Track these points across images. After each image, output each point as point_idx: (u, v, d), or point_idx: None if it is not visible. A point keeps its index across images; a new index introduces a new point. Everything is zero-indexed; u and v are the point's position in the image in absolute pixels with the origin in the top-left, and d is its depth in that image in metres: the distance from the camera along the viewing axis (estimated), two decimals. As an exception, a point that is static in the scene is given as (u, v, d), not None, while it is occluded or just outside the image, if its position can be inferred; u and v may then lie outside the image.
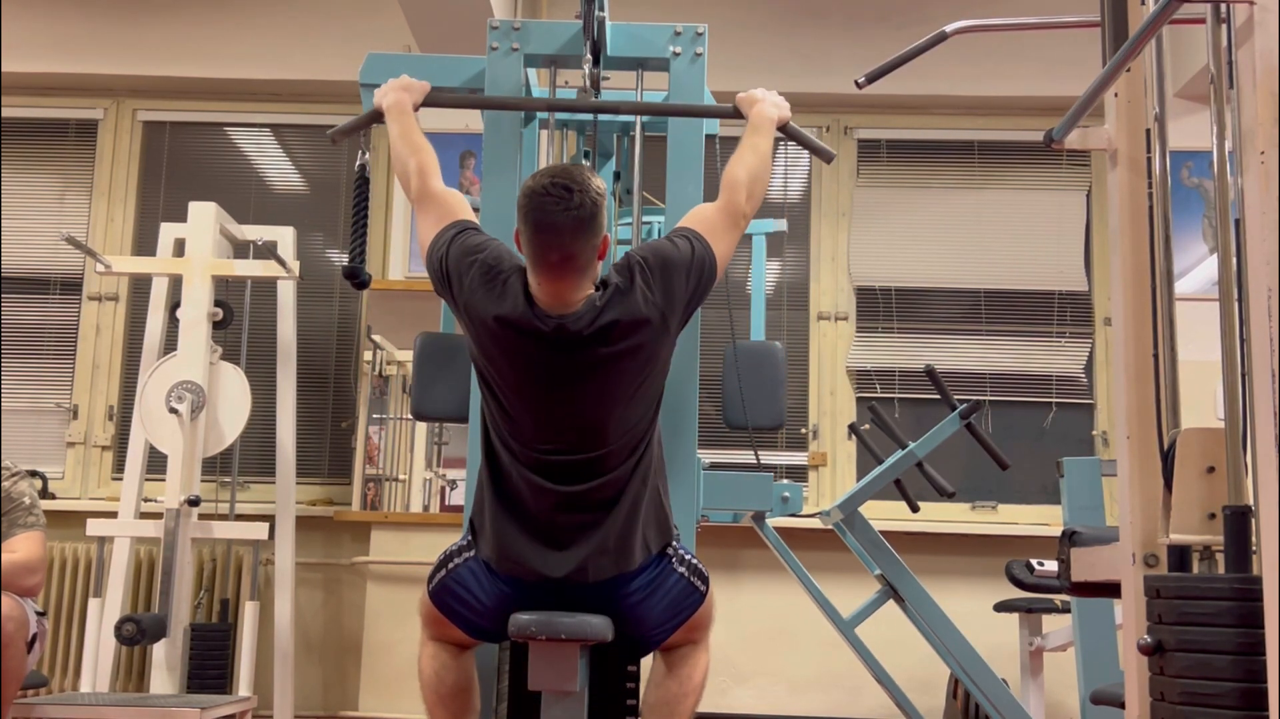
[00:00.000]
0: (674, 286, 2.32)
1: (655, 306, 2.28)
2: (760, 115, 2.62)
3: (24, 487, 3.21)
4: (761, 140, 2.58)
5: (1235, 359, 1.70)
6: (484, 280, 2.29)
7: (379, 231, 5.10)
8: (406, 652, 4.24)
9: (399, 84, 2.64)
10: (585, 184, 2.24)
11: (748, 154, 2.55)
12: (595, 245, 2.27)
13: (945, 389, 3.37)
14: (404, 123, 2.58)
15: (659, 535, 2.34)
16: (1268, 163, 1.52)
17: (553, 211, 2.20)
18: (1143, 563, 1.79)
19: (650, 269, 2.31)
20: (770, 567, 4.40)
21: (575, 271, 2.25)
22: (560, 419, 2.27)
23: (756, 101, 2.66)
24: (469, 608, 2.32)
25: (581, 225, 2.22)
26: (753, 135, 2.59)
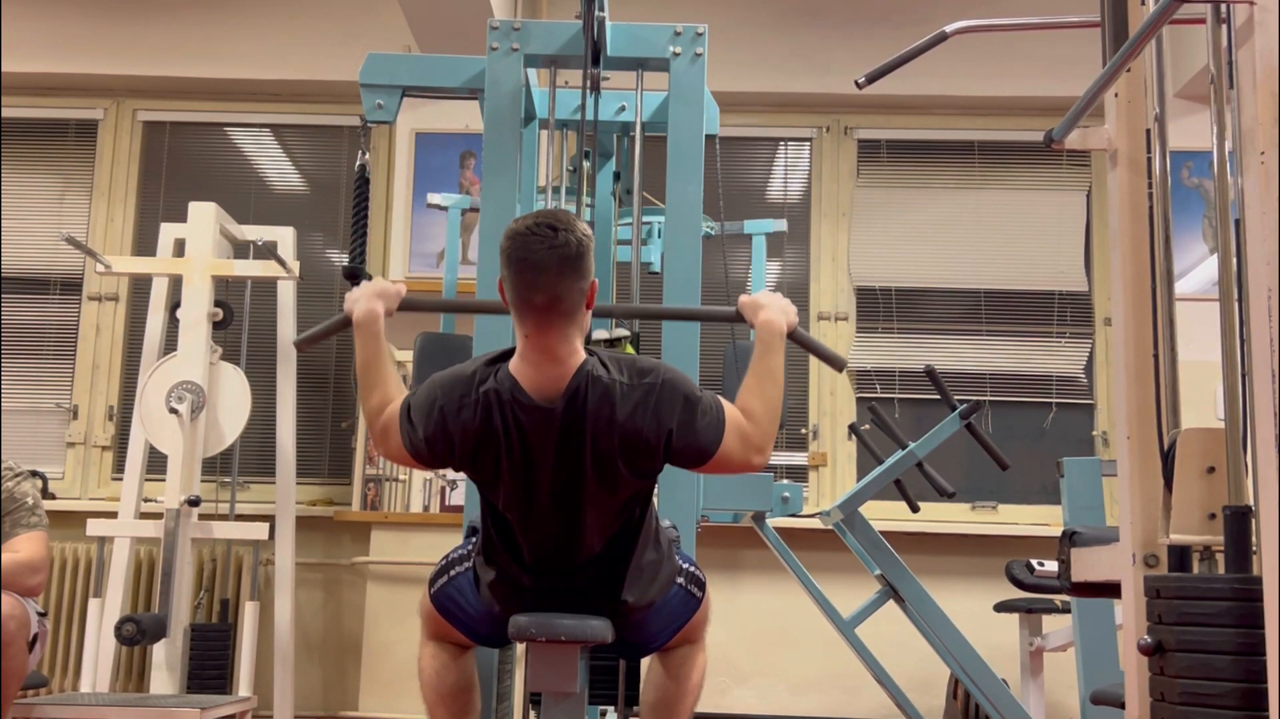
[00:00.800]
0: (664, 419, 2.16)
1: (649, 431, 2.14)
2: (768, 329, 2.35)
3: (27, 487, 3.21)
4: (775, 361, 2.33)
5: (1235, 359, 1.70)
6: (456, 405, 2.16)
7: (379, 232, 5.10)
8: (406, 652, 4.23)
9: (373, 291, 2.42)
10: (571, 224, 2.14)
11: (766, 383, 2.29)
12: (582, 289, 2.15)
13: (945, 389, 3.37)
14: (370, 347, 2.37)
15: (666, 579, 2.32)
16: (1268, 163, 1.52)
17: (537, 250, 2.10)
18: (1143, 563, 1.79)
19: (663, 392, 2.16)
20: (770, 567, 4.40)
21: (561, 316, 2.13)
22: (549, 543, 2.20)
23: (761, 308, 2.39)
24: (469, 616, 2.33)
25: (567, 264, 2.11)
26: (765, 357, 2.33)
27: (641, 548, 2.25)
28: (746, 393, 2.28)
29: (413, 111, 4.93)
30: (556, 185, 3.27)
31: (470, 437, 2.15)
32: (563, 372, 2.15)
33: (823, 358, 2.54)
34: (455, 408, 2.16)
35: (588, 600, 2.24)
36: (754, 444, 2.23)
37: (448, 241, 4.09)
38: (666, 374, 2.19)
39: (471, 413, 2.15)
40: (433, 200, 4.18)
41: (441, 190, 4.54)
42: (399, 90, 3.00)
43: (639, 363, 2.21)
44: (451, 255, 4.04)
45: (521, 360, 2.17)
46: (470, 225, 4.69)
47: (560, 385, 2.14)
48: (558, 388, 2.14)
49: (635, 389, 2.15)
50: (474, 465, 2.20)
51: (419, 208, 5.00)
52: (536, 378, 2.15)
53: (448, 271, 3.98)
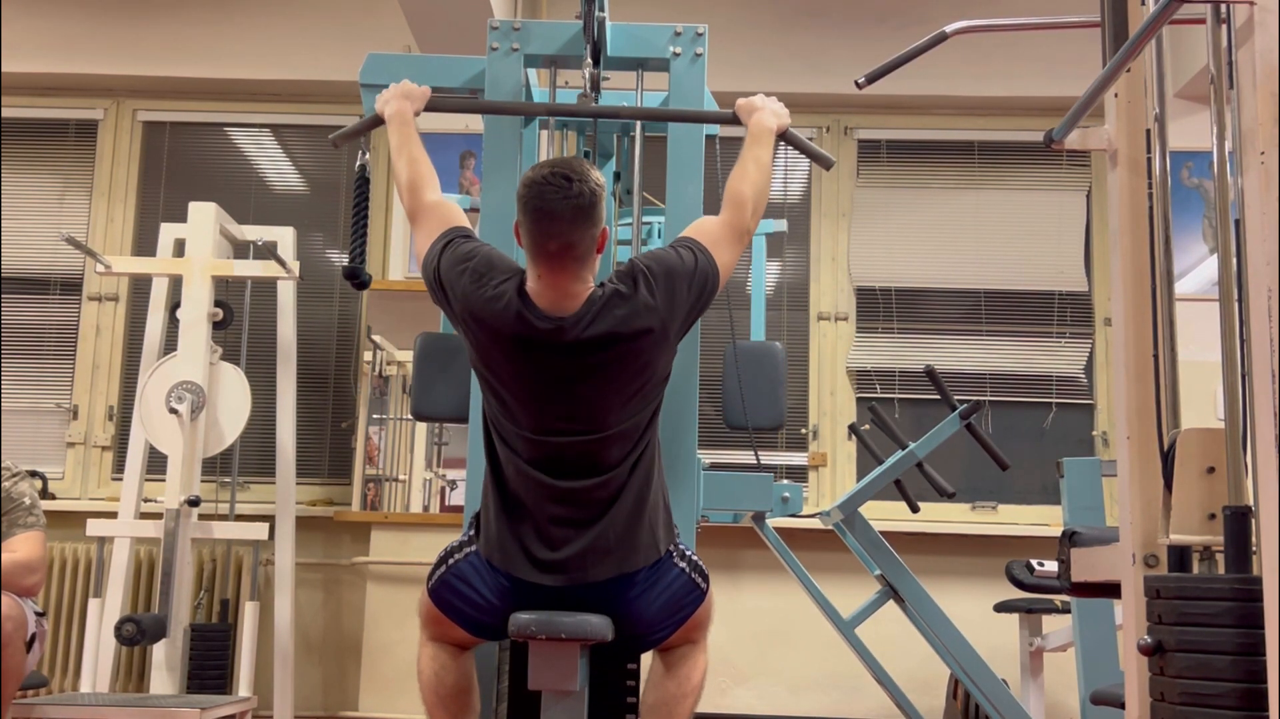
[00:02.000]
0: (676, 296, 2.32)
1: (656, 315, 2.28)
2: (759, 125, 2.61)
3: (24, 487, 3.22)
4: (763, 152, 2.57)
5: (1235, 359, 1.71)
6: (476, 284, 2.30)
7: (379, 232, 5.10)
8: (406, 652, 4.24)
9: (400, 91, 2.64)
10: (585, 174, 2.25)
11: (750, 167, 2.54)
12: (594, 236, 2.27)
13: (945, 389, 3.37)
14: (403, 133, 2.58)
15: (665, 535, 2.34)
16: (1268, 163, 1.52)
17: (552, 199, 2.22)
18: (1143, 563, 1.79)
19: (654, 276, 2.31)
20: (770, 567, 4.40)
21: (574, 261, 2.25)
22: (556, 415, 2.28)
23: (755, 109, 2.64)
24: (470, 603, 2.32)
25: (580, 213, 2.23)
26: (753, 147, 2.57)
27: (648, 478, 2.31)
28: (735, 178, 2.51)
29: (413, 111, 4.92)
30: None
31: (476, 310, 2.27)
32: (574, 302, 2.27)
33: (813, 156, 2.73)
34: (478, 278, 2.29)
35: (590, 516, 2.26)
36: (743, 226, 2.48)
37: (448, 242, 4.08)
38: (646, 263, 2.33)
39: (489, 293, 2.26)
40: (433, 200, 4.16)
41: (442, 190, 4.53)
42: (399, 90, 2.99)
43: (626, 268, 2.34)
44: (451, 255, 4.03)
45: (536, 285, 2.28)
46: (470, 225, 4.68)
47: (572, 307, 2.26)
48: (570, 308, 2.26)
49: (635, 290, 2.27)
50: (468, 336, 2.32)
51: (419, 208, 4.99)
52: (549, 299, 2.26)
53: (448, 272, 3.97)
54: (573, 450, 2.27)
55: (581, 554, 2.25)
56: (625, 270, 2.33)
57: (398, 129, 2.59)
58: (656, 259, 2.35)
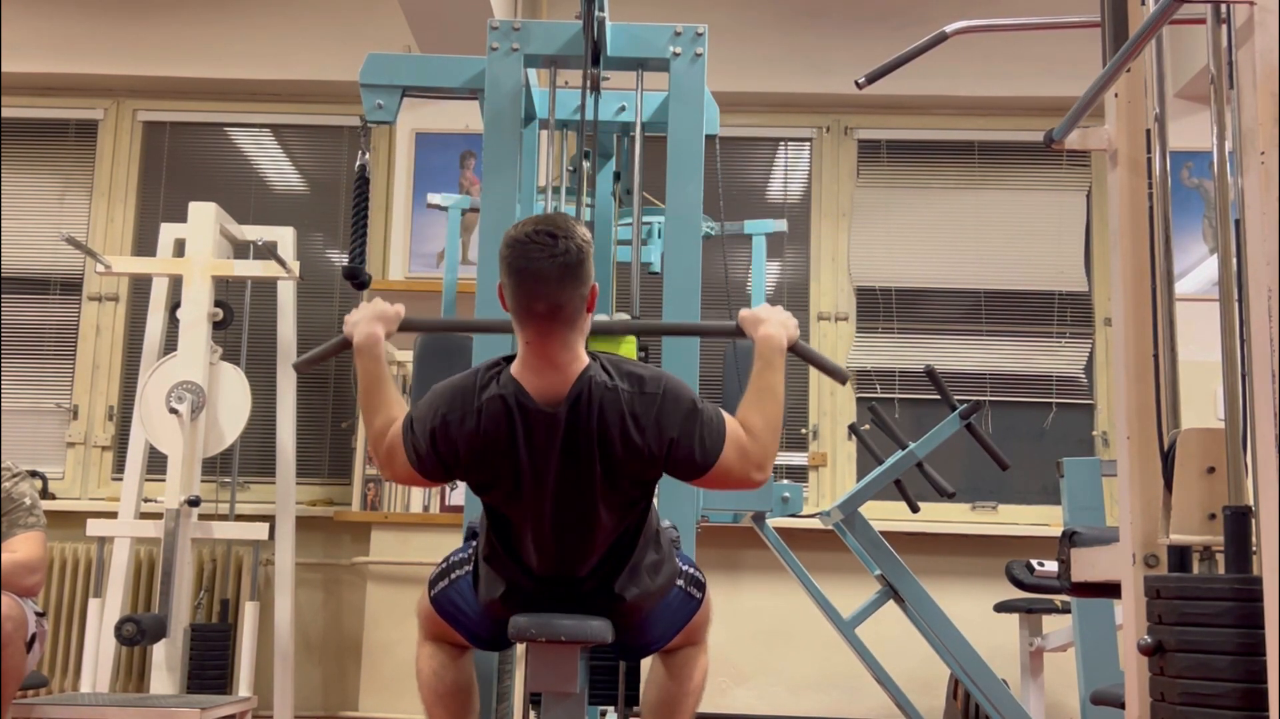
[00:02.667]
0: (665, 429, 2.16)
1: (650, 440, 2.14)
2: (768, 344, 2.34)
3: (25, 487, 3.21)
4: (775, 378, 2.31)
5: (1235, 359, 1.71)
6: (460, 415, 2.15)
7: (379, 232, 5.10)
8: (406, 652, 4.23)
9: (372, 313, 2.40)
10: (570, 230, 2.13)
11: (766, 399, 2.27)
12: (583, 295, 2.15)
13: (945, 389, 3.37)
14: (372, 369, 2.33)
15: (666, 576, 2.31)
16: (1268, 163, 1.52)
17: (537, 259, 2.10)
18: (1143, 563, 1.79)
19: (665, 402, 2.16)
20: (770, 567, 4.40)
21: (563, 324, 2.13)
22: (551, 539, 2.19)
23: (761, 323, 2.38)
24: (469, 618, 2.33)
25: (568, 271, 2.11)
26: (766, 372, 2.31)
27: (643, 549, 2.25)
28: (746, 408, 2.26)
29: (413, 111, 4.93)
30: (556, 185, 3.27)
31: (475, 444, 2.15)
32: (565, 377, 2.15)
33: (825, 371, 2.51)
34: (459, 416, 2.16)
35: (590, 603, 2.23)
36: (753, 460, 2.21)
37: (448, 242, 4.09)
38: (668, 384, 2.19)
39: (475, 420, 2.14)
40: (433, 200, 4.17)
41: (441, 190, 4.53)
42: (399, 90, 3.00)
43: (641, 371, 2.20)
44: (451, 256, 4.04)
45: (523, 366, 2.17)
46: (470, 225, 4.68)
47: (563, 390, 2.14)
48: (560, 393, 2.14)
49: (637, 397, 2.15)
50: (478, 473, 2.19)
51: (419, 208, 5.00)
52: (539, 383, 2.15)
53: (448, 272, 3.97)
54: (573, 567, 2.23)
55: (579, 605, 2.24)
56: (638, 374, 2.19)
57: (365, 365, 2.35)
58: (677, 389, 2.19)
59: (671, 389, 2.18)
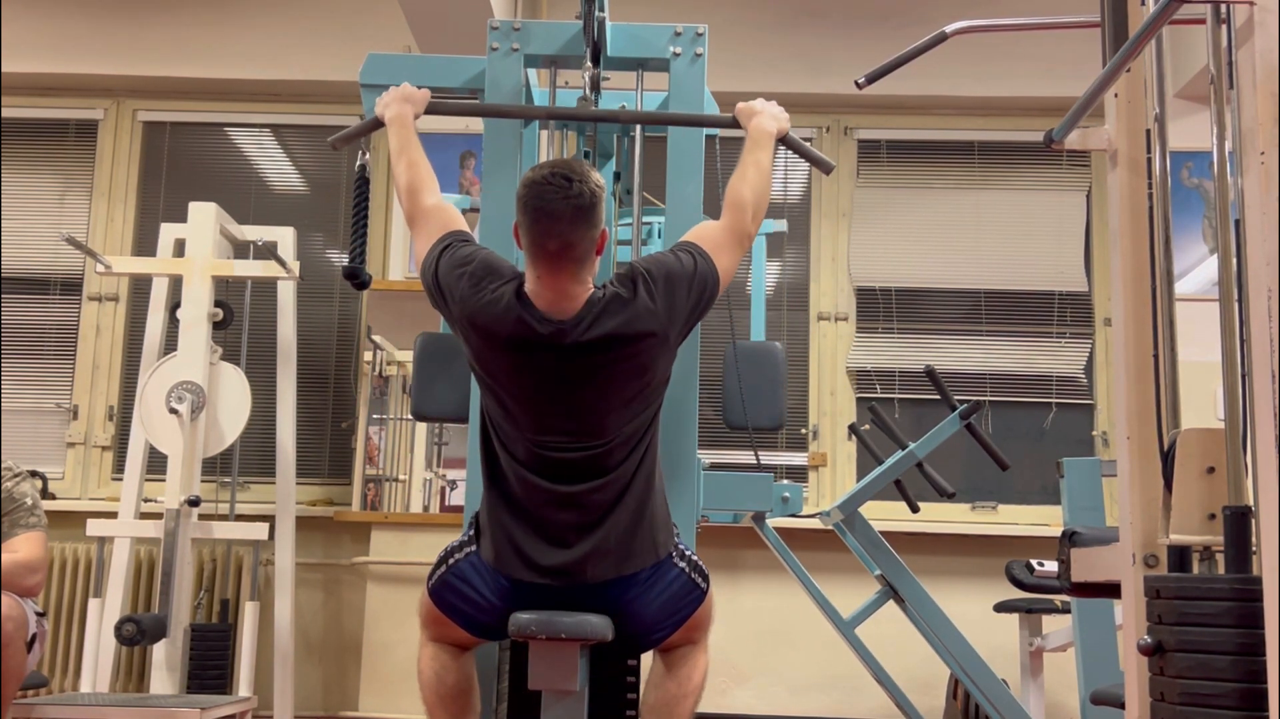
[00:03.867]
0: (676, 300, 2.31)
1: (656, 318, 2.28)
2: (759, 129, 2.59)
3: (26, 487, 3.21)
4: (763, 155, 2.55)
5: (1235, 359, 1.71)
6: (474, 288, 2.29)
7: (379, 232, 5.10)
8: (406, 652, 4.24)
9: (400, 94, 2.63)
10: (585, 174, 2.25)
11: (750, 171, 2.52)
12: (593, 237, 2.27)
13: (945, 389, 3.37)
14: (403, 136, 2.58)
15: (665, 538, 2.33)
16: (1268, 163, 1.52)
17: (551, 199, 2.22)
18: (1143, 563, 1.79)
19: (654, 280, 2.30)
20: (770, 567, 4.40)
21: (573, 261, 2.25)
22: (557, 419, 2.27)
23: (755, 114, 2.63)
24: (470, 603, 2.32)
25: (580, 213, 2.22)
26: (754, 150, 2.56)
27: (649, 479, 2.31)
28: (737, 181, 2.49)
29: (413, 112, 4.92)
30: (556, 185, 3.26)
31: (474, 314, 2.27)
32: (574, 304, 2.26)
33: (813, 161, 2.71)
34: (476, 282, 2.28)
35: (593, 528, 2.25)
36: (744, 230, 2.46)
37: (448, 242, 4.08)
38: (646, 267, 2.32)
39: (487, 296, 2.26)
40: (433, 200, 4.16)
41: (442, 190, 4.52)
42: (399, 90, 2.99)
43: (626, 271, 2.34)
44: (451, 255, 4.03)
45: (534, 288, 2.27)
46: (470, 225, 4.67)
47: (571, 310, 2.25)
48: (568, 313, 2.25)
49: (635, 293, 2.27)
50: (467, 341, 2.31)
51: (419, 208, 4.99)
52: (548, 301, 2.26)
53: (448, 272, 3.97)
54: (573, 455, 2.27)
55: (581, 557, 2.25)
56: (625, 274, 2.33)
57: (397, 132, 2.59)
58: (656, 263, 2.35)
59: (654, 269, 2.32)
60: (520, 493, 2.29)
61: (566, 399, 2.26)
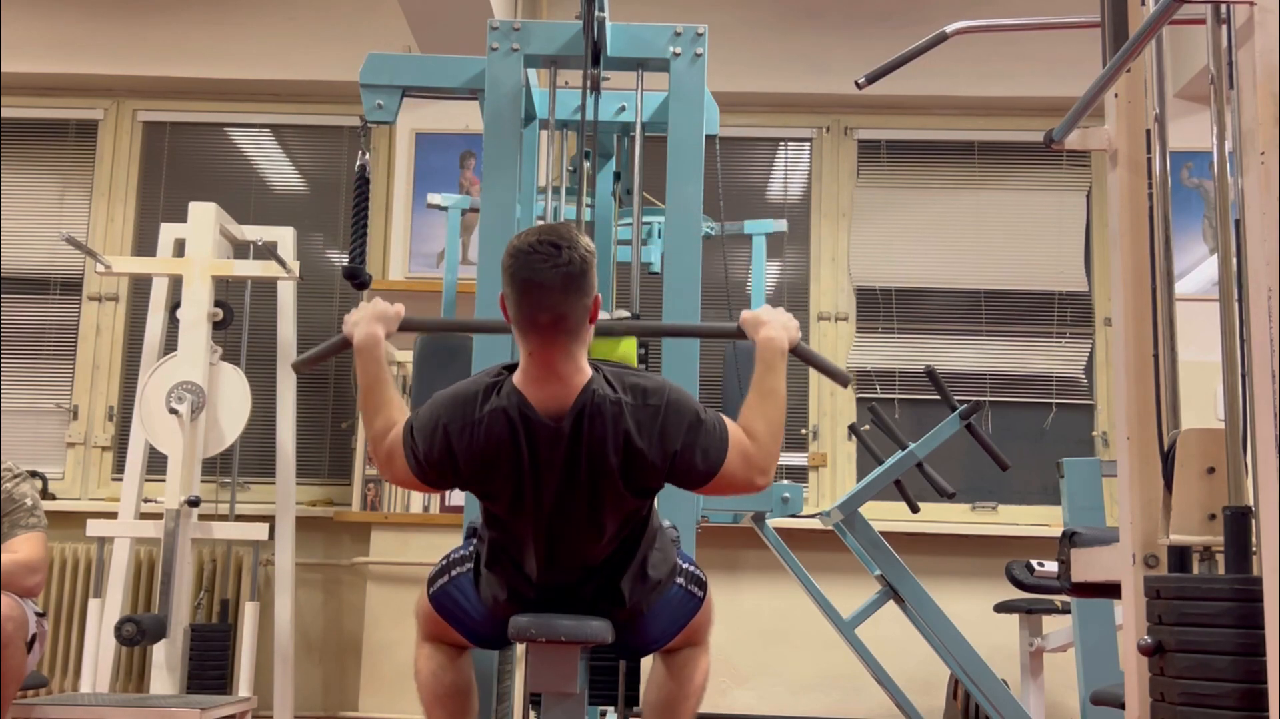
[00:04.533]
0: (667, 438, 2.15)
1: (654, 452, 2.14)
2: (770, 347, 2.33)
3: (26, 488, 3.21)
4: (776, 381, 2.30)
5: (1235, 359, 1.70)
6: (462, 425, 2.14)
7: (379, 232, 5.10)
8: (406, 652, 4.22)
9: (372, 313, 2.39)
10: (574, 241, 2.12)
11: (768, 403, 2.27)
12: (587, 306, 2.14)
13: (945, 390, 3.37)
14: (371, 370, 2.33)
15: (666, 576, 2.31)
16: (1268, 163, 1.52)
17: (540, 269, 2.08)
18: (1143, 563, 1.79)
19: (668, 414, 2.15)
20: (770, 567, 4.40)
21: (566, 334, 2.12)
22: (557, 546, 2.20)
23: (763, 325, 2.36)
24: (469, 616, 2.33)
25: (571, 282, 2.09)
26: (767, 376, 2.30)
27: (644, 551, 2.26)
28: (749, 411, 2.26)
29: (413, 111, 4.92)
30: (556, 186, 3.27)
31: (476, 456, 2.14)
32: (568, 389, 2.14)
33: (827, 373, 2.49)
34: (459, 427, 2.14)
35: (591, 606, 2.24)
36: (757, 465, 2.21)
37: (448, 242, 4.09)
38: (671, 394, 2.18)
39: (476, 432, 2.13)
40: (433, 201, 4.17)
41: (441, 190, 4.54)
42: (399, 90, 3.00)
43: (643, 382, 2.19)
44: (451, 256, 4.04)
45: (525, 377, 2.16)
46: (470, 226, 4.68)
47: (566, 403, 2.13)
48: (563, 405, 2.13)
49: (640, 409, 2.14)
50: (479, 483, 2.19)
51: (419, 208, 5.00)
52: (542, 394, 2.14)
53: (448, 272, 3.97)
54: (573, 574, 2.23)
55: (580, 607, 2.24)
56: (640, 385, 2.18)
57: (365, 365, 2.34)
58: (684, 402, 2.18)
59: (674, 400, 2.17)
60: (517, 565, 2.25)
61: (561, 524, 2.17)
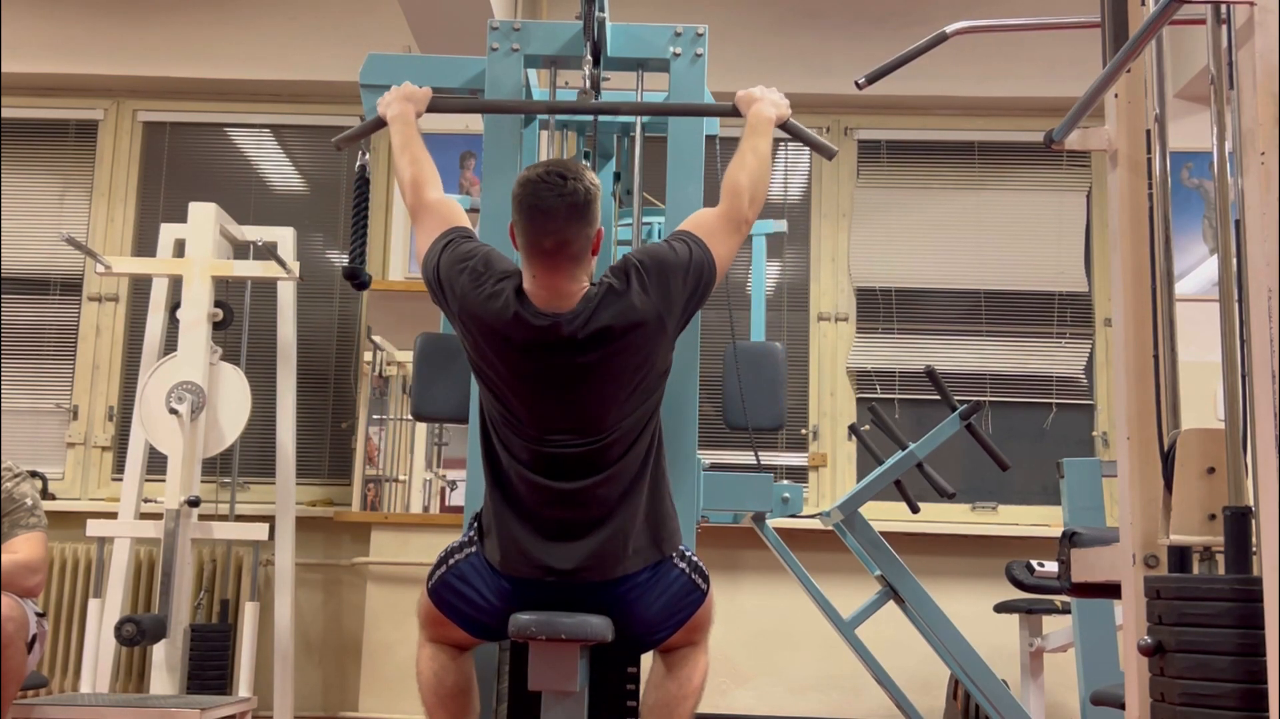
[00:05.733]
0: (671, 289, 2.31)
1: (652, 308, 2.28)
2: (758, 115, 2.59)
3: (26, 488, 3.21)
4: (761, 141, 2.55)
5: (1235, 360, 1.70)
6: (474, 283, 2.30)
7: (379, 232, 5.10)
8: (406, 652, 4.24)
9: (402, 93, 2.65)
10: (580, 173, 2.26)
11: (748, 157, 2.51)
12: (589, 235, 2.27)
13: (945, 390, 3.37)
14: (405, 134, 2.59)
15: (667, 539, 2.33)
16: (1268, 163, 1.52)
17: (546, 197, 2.22)
18: (1143, 564, 1.79)
19: (647, 271, 2.30)
20: (770, 567, 4.40)
21: (569, 259, 2.25)
22: (557, 415, 2.28)
23: (755, 100, 2.63)
24: (470, 603, 2.32)
25: (576, 210, 2.23)
26: (752, 137, 2.55)
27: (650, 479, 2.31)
28: (735, 167, 2.49)
29: (413, 112, 4.92)
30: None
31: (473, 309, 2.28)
32: (570, 301, 2.27)
33: (814, 146, 2.70)
34: (476, 278, 2.30)
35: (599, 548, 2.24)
36: (741, 216, 2.45)
37: (448, 242, 4.09)
38: (639, 258, 2.32)
39: (487, 291, 2.27)
40: (433, 201, 4.16)
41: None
42: (399, 91, 2.99)
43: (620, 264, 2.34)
44: (451, 256, 4.04)
45: (532, 285, 2.28)
46: (471, 226, 4.68)
47: (567, 306, 2.26)
48: (565, 306, 2.26)
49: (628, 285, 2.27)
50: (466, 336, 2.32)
51: (419, 208, 4.99)
52: (545, 298, 2.26)
53: (448, 272, 3.97)
54: (573, 451, 2.27)
55: (586, 555, 2.25)
56: (618, 266, 2.33)
57: (400, 129, 2.60)
58: (649, 253, 2.35)
59: (644, 262, 2.31)
60: (523, 492, 2.29)
61: (565, 394, 2.26)
